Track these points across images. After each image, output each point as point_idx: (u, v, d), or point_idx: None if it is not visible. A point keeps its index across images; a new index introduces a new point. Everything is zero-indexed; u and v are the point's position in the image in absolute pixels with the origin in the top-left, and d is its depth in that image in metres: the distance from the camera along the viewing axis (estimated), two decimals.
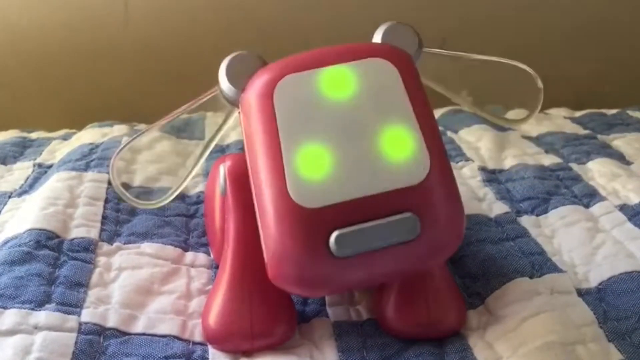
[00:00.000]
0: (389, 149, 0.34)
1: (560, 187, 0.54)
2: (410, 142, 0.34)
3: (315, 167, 0.34)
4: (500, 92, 0.42)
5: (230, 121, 0.39)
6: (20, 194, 0.54)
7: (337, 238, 0.33)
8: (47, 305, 0.39)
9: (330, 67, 0.36)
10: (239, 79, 0.37)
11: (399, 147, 0.34)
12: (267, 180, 0.34)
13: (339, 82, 0.35)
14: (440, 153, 0.35)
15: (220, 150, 0.63)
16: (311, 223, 0.33)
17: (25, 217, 0.47)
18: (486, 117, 0.42)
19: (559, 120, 0.72)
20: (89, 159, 0.58)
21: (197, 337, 0.39)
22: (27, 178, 0.58)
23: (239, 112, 0.37)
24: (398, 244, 0.34)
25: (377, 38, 0.38)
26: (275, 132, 0.34)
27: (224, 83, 0.37)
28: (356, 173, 0.34)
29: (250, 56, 0.37)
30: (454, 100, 0.41)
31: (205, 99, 0.38)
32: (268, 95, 0.35)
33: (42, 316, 0.38)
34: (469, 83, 0.41)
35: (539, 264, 0.43)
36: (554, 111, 0.76)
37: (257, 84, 0.36)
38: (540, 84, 0.40)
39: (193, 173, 0.40)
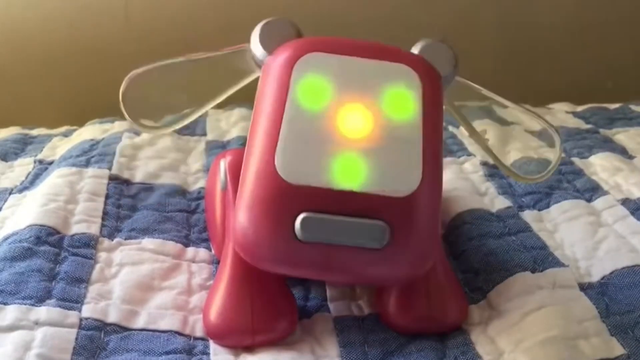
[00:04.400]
0: (386, 153, 0.34)
1: (562, 181, 0.54)
2: (407, 155, 0.35)
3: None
4: (520, 144, 0.42)
5: (251, 79, 0.39)
6: (21, 190, 0.54)
7: (303, 220, 0.33)
8: (48, 301, 0.39)
9: (355, 57, 0.36)
10: (271, 43, 0.37)
11: (396, 155, 0.34)
12: (259, 145, 0.34)
13: (358, 74, 0.35)
14: (434, 174, 0.35)
15: (221, 146, 0.63)
16: (284, 196, 0.33)
17: (25, 213, 0.47)
18: (498, 165, 0.42)
19: (562, 114, 0.72)
20: (89, 155, 0.58)
21: (198, 332, 0.39)
22: (28, 174, 0.58)
23: (260, 75, 0.37)
24: (361, 248, 0.33)
25: (415, 49, 0.38)
26: (283, 103, 0.35)
27: (255, 44, 0.37)
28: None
29: (288, 24, 0.38)
30: (471, 136, 0.41)
31: (233, 51, 0.39)
32: (289, 67, 0.35)
33: (42, 312, 0.38)
34: (491, 125, 0.41)
35: (541, 258, 0.43)
36: (556, 106, 0.76)
37: (283, 53, 0.36)
38: (560, 150, 0.40)
39: (207, 108, 0.40)
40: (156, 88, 0.45)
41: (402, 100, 0.35)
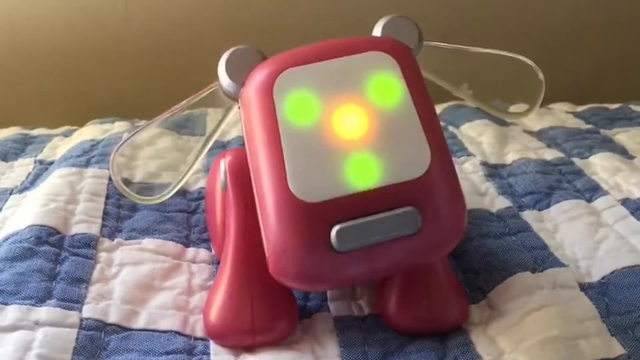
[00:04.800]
0: (390, 142, 0.34)
1: (562, 181, 0.54)
2: (410, 136, 0.34)
3: None
4: (502, 86, 0.42)
5: (230, 116, 0.39)
6: (21, 191, 0.54)
7: (338, 232, 0.33)
8: (48, 301, 0.39)
9: (329, 61, 0.35)
10: (239, 74, 0.37)
11: (400, 140, 0.34)
12: (267, 175, 0.34)
13: (338, 76, 0.35)
14: (441, 147, 0.35)
15: (221, 146, 0.63)
16: (312, 217, 0.33)
17: (26, 213, 0.47)
18: (487, 110, 0.42)
19: (561, 114, 0.72)
20: (89, 155, 0.58)
21: (199, 332, 0.39)
22: (28, 175, 0.58)
23: (239, 107, 0.37)
24: (399, 238, 0.33)
25: (377, 31, 0.38)
26: (275, 126, 0.34)
27: (224, 78, 0.37)
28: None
29: (250, 50, 0.37)
30: (455, 93, 0.41)
31: (204, 94, 0.38)
32: (268, 90, 0.35)
33: (43, 312, 0.38)
34: (470, 76, 0.41)
35: (541, 258, 0.43)
36: (556, 106, 0.76)
37: (257, 78, 0.36)
38: (541, 76, 0.40)
39: (194, 168, 0.40)
40: (142, 162, 0.45)
41: (387, 86, 0.35)
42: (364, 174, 0.34)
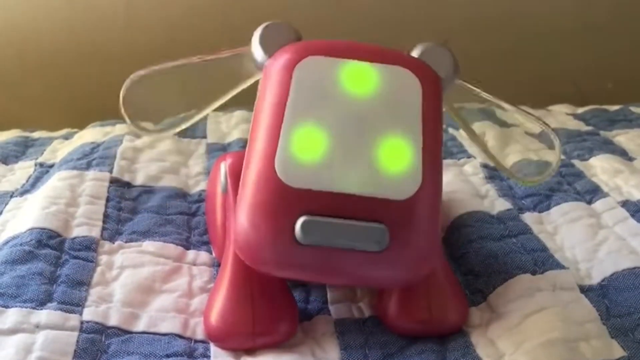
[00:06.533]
0: (386, 157, 0.34)
1: (562, 183, 0.54)
2: (408, 158, 0.34)
3: (307, 150, 0.34)
4: (519, 146, 0.42)
5: (251, 81, 0.39)
6: (21, 194, 0.54)
7: (303, 223, 0.33)
8: (49, 304, 0.39)
9: (356, 60, 0.36)
10: (271, 46, 0.37)
11: (396, 158, 0.34)
12: (259, 148, 0.34)
13: (360, 77, 0.36)
14: (434, 178, 0.35)
15: (222, 149, 0.63)
16: (284, 200, 0.33)
17: (26, 216, 0.47)
18: (498, 168, 0.42)
19: (562, 116, 0.72)
20: (90, 158, 0.58)
21: (199, 335, 0.39)
22: (29, 177, 0.58)
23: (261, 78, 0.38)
24: (362, 251, 0.34)
25: (415, 52, 0.38)
26: (283, 106, 0.35)
27: (256, 46, 0.38)
28: (345, 168, 0.34)
29: (288, 28, 0.38)
30: (471, 138, 0.41)
31: (234, 53, 0.39)
32: (289, 70, 0.36)
33: (43, 315, 0.38)
34: (490, 127, 0.41)
35: (542, 260, 0.43)
36: (556, 107, 0.76)
37: (284, 56, 0.36)
38: (559, 153, 0.40)
39: (206, 112, 0.40)
40: (156, 91, 0.45)
41: (403, 104, 0.35)
42: (349, 176, 0.34)
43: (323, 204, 0.33)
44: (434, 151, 0.35)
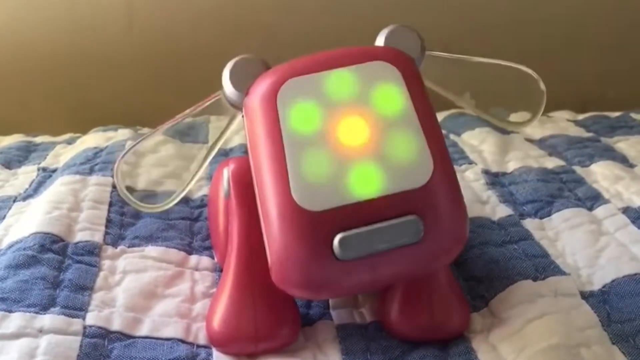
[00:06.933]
0: (392, 151, 0.34)
1: (563, 189, 0.54)
2: (413, 145, 0.35)
3: (317, 170, 0.34)
4: (503, 95, 0.42)
5: (234, 125, 0.39)
6: (24, 198, 0.54)
7: (340, 241, 0.33)
8: (52, 309, 0.39)
9: (333, 70, 0.36)
10: (243, 83, 0.37)
11: (402, 149, 0.34)
12: (270, 184, 0.34)
13: (343, 84, 0.35)
14: (443, 155, 0.35)
15: (224, 154, 0.63)
16: (315, 226, 0.33)
17: (29, 221, 0.48)
18: (489, 120, 0.42)
19: (563, 123, 0.72)
20: (93, 163, 0.58)
21: (201, 340, 0.39)
22: (32, 182, 0.58)
23: (243, 116, 0.37)
24: (401, 247, 0.34)
25: (380, 41, 0.38)
26: (279, 135, 0.34)
27: (228, 86, 0.37)
28: (358, 176, 0.34)
29: (254, 60, 0.37)
30: (457, 103, 0.41)
31: (208, 103, 0.39)
32: (271, 99, 0.35)
33: (46, 320, 0.38)
34: (472, 86, 0.41)
35: (543, 266, 0.43)
36: (557, 114, 0.76)
37: (260, 87, 0.36)
38: (542, 87, 0.40)
39: (197, 177, 0.40)
40: (145, 169, 0.45)
41: (390, 96, 0.35)
42: (367, 183, 0.34)
43: (352, 217, 0.33)
44: (434, 130, 0.35)
